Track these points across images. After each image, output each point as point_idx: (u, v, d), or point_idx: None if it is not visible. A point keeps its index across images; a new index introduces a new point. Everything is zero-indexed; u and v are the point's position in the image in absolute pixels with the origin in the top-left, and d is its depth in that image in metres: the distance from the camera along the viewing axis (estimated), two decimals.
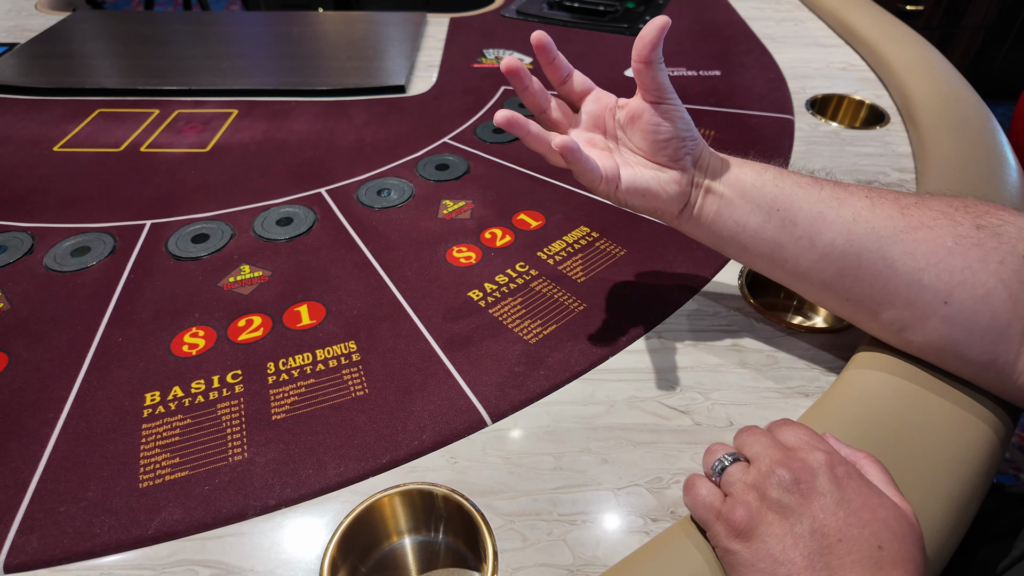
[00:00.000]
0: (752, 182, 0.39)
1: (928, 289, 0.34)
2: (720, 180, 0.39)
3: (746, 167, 0.40)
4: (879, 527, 0.27)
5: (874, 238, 0.35)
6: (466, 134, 0.71)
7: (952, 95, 0.71)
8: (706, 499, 0.31)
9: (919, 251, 0.34)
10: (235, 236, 0.55)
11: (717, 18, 1.02)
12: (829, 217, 0.37)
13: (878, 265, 0.35)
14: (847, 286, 0.37)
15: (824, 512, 0.27)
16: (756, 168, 0.39)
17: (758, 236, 0.38)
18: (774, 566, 0.27)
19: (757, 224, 0.38)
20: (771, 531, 0.27)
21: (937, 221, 0.35)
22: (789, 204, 0.38)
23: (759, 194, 0.38)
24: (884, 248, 0.35)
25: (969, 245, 0.34)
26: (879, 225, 0.35)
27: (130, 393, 0.41)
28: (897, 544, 0.26)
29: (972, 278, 0.33)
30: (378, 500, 0.35)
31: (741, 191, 0.39)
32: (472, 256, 0.53)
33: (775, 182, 0.38)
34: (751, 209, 0.38)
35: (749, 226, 0.39)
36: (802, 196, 0.37)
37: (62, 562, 0.33)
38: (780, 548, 0.27)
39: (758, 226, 0.38)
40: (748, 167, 0.40)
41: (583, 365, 0.43)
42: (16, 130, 0.71)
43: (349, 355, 0.44)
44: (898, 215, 0.35)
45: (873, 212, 0.36)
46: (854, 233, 0.36)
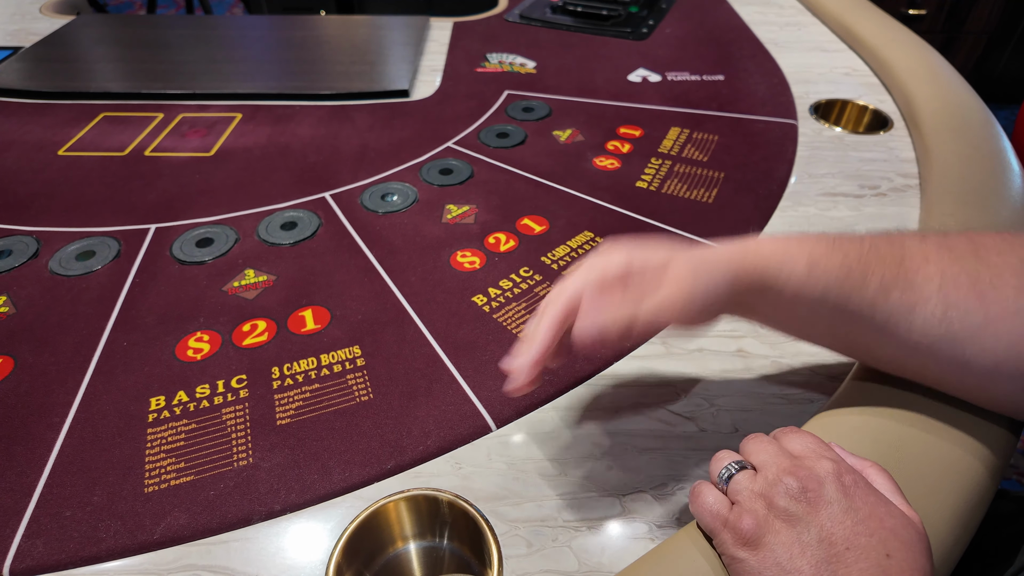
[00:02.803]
0: (806, 312, 0.35)
1: (1009, 380, 0.32)
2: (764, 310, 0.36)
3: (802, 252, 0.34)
4: (887, 535, 0.27)
5: (947, 341, 0.32)
6: (470, 138, 0.71)
7: (955, 100, 0.71)
8: (713, 507, 0.31)
9: (1000, 346, 0.31)
10: (239, 240, 0.55)
11: (720, 23, 1.02)
12: (896, 327, 0.33)
13: (948, 367, 0.33)
14: (931, 379, 0.35)
15: (831, 521, 0.27)
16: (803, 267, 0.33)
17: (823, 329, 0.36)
18: (781, 574, 0.27)
19: (817, 321, 0.35)
20: (778, 539, 0.27)
21: (1020, 303, 0.31)
22: (848, 314, 0.33)
23: (811, 304, 0.34)
24: (958, 350, 0.32)
25: None
26: (955, 326, 0.31)
27: (135, 398, 0.41)
28: (905, 552, 0.26)
29: None
30: (383, 505, 0.35)
31: (790, 288, 0.34)
32: (476, 261, 0.53)
33: (831, 282, 0.33)
34: (806, 309, 0.34)
35: (810, 319, 0.36)
36: (865, 306, 0.33)
37: (68, 567, 0.33)
38: (787, 556, 0.27)
39: (819, 323, 0.36)
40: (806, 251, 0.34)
41: (588, 371, 0.43)
42: (21, 134, 0.71)
43: (354, 360, 0.44)
44: (975, 303, 0.31)
45: (948, 311, 0.31)
46: (925, 341, 0.32)
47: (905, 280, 0.32)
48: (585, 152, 0.68)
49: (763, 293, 0.34)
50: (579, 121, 0.74)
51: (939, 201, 0.56)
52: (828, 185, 0.63)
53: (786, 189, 0.62)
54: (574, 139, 0.70)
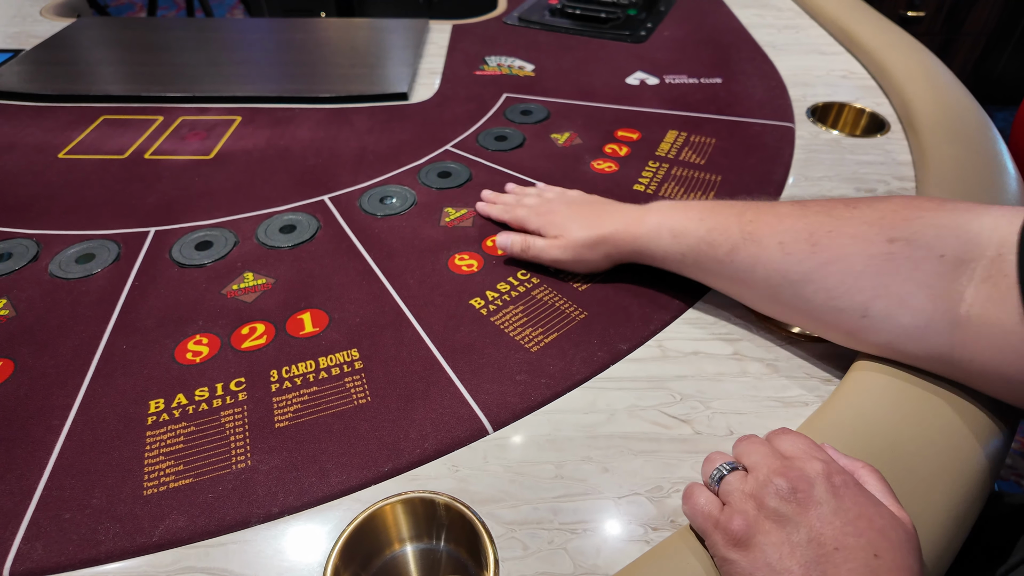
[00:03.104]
0: (664, 252, 0.47)
1: (844, 311, 0.38)
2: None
3: (664, 228, 0.46)
4: (875, 536, 0.27)
5: (787, 285, 0.40)
6: (468, 141, 0.71)
7: (952, 103, 0.71)
8: (704, 508, 0.31)
9: (830, 284, 0.38)
10: (238, 243, 0.56)
11: (718, 25, 1.03)
12: (747, 278, 0.42)
13: (796, 302, 0.40)
14: (783, 316, 0.44)
15: (821, 521, 0.27)
16: (668, 237, 0.46)
17: (691, 276, 0.47)
18: (771, 575, 0.27)
19: (687, 274, 0.47)
20: (768, 540, 0.28)
21: (847, 248, 0.37)
22: (708, 270, 0.45)
23: (676, 263, 0.47)
24: (797, 291, 0.40)
25: (880, 262, 0.36)
26: (791, 274, 0.39)
27: (134, 400, 0.42)
28: (893, 553, 0.27)
29: (884, 291, 0.36)
30: (380, 508, 0.35)
31: (659, 257, 0.47)
32: (474, 264, 0.53)
33: (687, 249, 0.45)
34: (674, 267, 0.47)
35: (679, 272, 0.48)
36: (716, 268, 0.44)
37: (67, 569, 0.33)
38: (777, 557, 0.27)
39: (689, 275, 0.47)
40: (667, 227, 0.46)
41: (584, 373, 0.44)
42: (21, 137, 0.72)
43: (352, 363, 0.44)
44: (808, 255, 0.39)
45: (784, 260, 0.40)
46: (771, 286, 0.41)
47: (752, 239, 0.41)
48: (583, 155, 0.68)
49: (640, 255, 0.48)
50: (577, 124, 0.74)
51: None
52: (825, 188, 0.63)
53: (783, 192, 0.62)
54: (572, 142, 0.71)
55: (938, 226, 0.35)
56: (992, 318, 0.33)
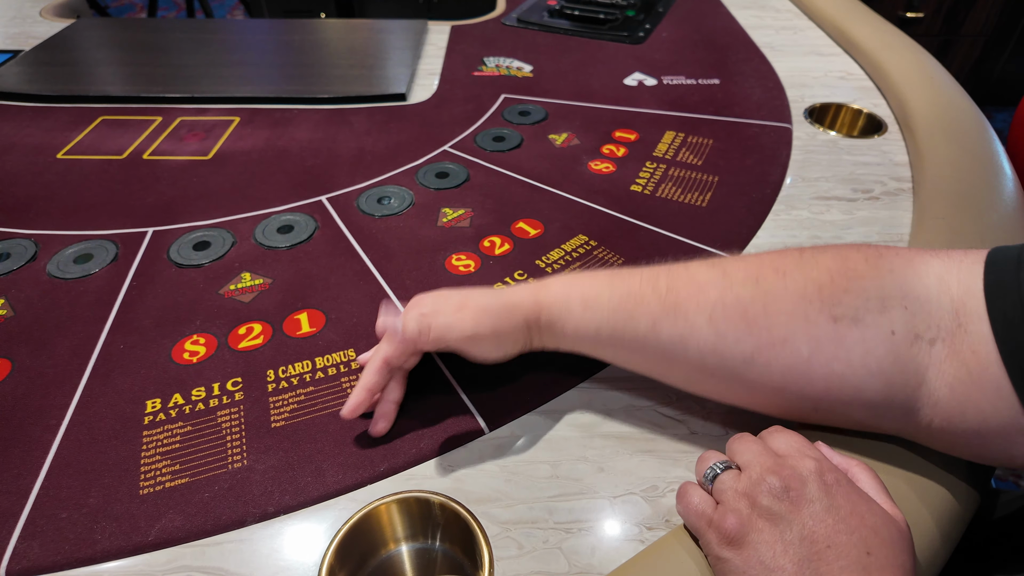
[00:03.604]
0: (590, 346, 0.39)
1: (795, 400, 0.34)
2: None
3: (573, 292, 0.38)
4: (868, 533, 0.27)
5: (725, 369, 0.34)
6: (466, 142, 0.71)
7: (950, 105, 0.72)
8: (698, 507, 0.31)
9: (775, 371, 0.33)
10: (236, 244, 0.56)
11: (716, 26, 1.03)
12: (675, 358, 0.36)
13: (735, 387, 0.35)
14: (724, 398, 0.38)
15: (813, 519, 0.28)
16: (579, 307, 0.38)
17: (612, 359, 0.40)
18: (765, 573, 0.27)
19: (605, 353, 0.39)
20: (761, 538, 0.28)
21: (789, 330, 0.32)
22: (628, 348, 0.37)
23: (591, 341, 0.38)
24: (738, 375, 0.34)
25: (829, 347, 0.32)
26: (727, 356, 0.34)
27: (131, 400, 0.42)
28: (886, 550, 0.27)
29: (837, 382, 0.32)
30: (375, 508, 0.35)
31: (570, 334, 0.38)
32: (471, 264, 0.53)
33: (603, 335, 0.37)
34: (589, 343, 0.39)
35: (596, 352, 0.39)
36: (636, 344, 0.37)
37: (63, 568, 0.33)
38: (770, 555, 0.27)
39: (607, 355, 0.39)
40: (577, 291, 0.38)
41: (581, 374, 0.44)
42: (20, 137, 0.72)
43: (348, 363, 0.44)
44: (745, 335, 0.33)
45: (719, 341, 0.34)
46: (705, 368, 0.35)
47: (675, 312, 0.35)
48: (580, 156, 0.68)
49: (550, 332, 0.39)
50: (575, 125, 0.74)
51: (931, 205, 0.56)
52: (822, 189, 0.63)
53: (780, 193, 0.63)
54: (570, 143, 0.71)
55: (881, 296, 0.31)
56: (965, 401, 0.30)
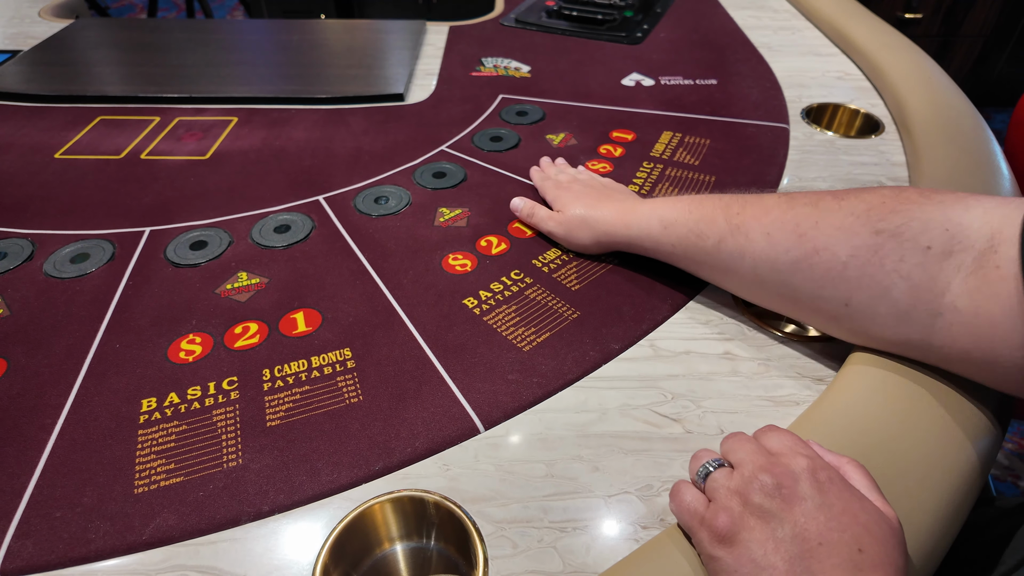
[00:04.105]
0: (654, 242, 0.48)
1: (829, 300, 0.39)
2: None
3: (654, 217, 0.48)
4: (860, 531, 0.27)
5: (773, 273, 0.41)
6: (464, 142, 0.71)
7: (947, 105, 0.72)
8: (691, 505, 0.31)
9: (816, 273, 0.39)
10: (233, 243, 0.56)
11: (714, 27, 1.03)
12: (734, 267, 0.43)
13: (781, 289, 0.42)
14: (767, 302, 0.44)
15: (805, 516, 0.28)
16: (658, 227, 0.47)
17: (681, 266, 0.49)
18: (756, 571, 0.27)
19: (677, 264, 0.49)
20: (753, 536, 0.28)
21: (833, 238, 0.38)
22: (697, 260, 0.46)
23: (667, 253, 0.48)
24: (783, 279, 0.41)
25: (865, 253, 0.37)
26: (777, 263, 0.40)
27: (127, 399, 0.42)
28: (878, 547, 0.27)
29: (868, 281, 0.37)
30: (370, 507, 0.35)
31: (650, 248, 0.49)
32: (468, 264, 0.53)
33: (676, 239, 0.46)
34: (664, 257, 0.49)
35: (669, 262, 0.49)
36: (704, 258, 0.45)
37: (57, 567, 0.33)
38: (762, 553, 0.27)
39: (678, 265, 0.49)
40: (657, 216, 0.48)
41: (576, 373, 0.44)
42: (18, 137, 0.72)
43: (344, 362, 0.44)
44: (795, 244, 0.39)
45: (772, 250, 0.41)
46: (758, 275, 0.42)
47: (739, 231, 0.42)
48: (578, 156, 0.68)
49: (631, 244, 0.50)
50: (572, 125, 0.75)
51: None
52: (819, 188, 0.63)
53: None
54: (567, 143, 0.71)
55: (925, 219, 0.35)
56: (980, 308, 0.33)
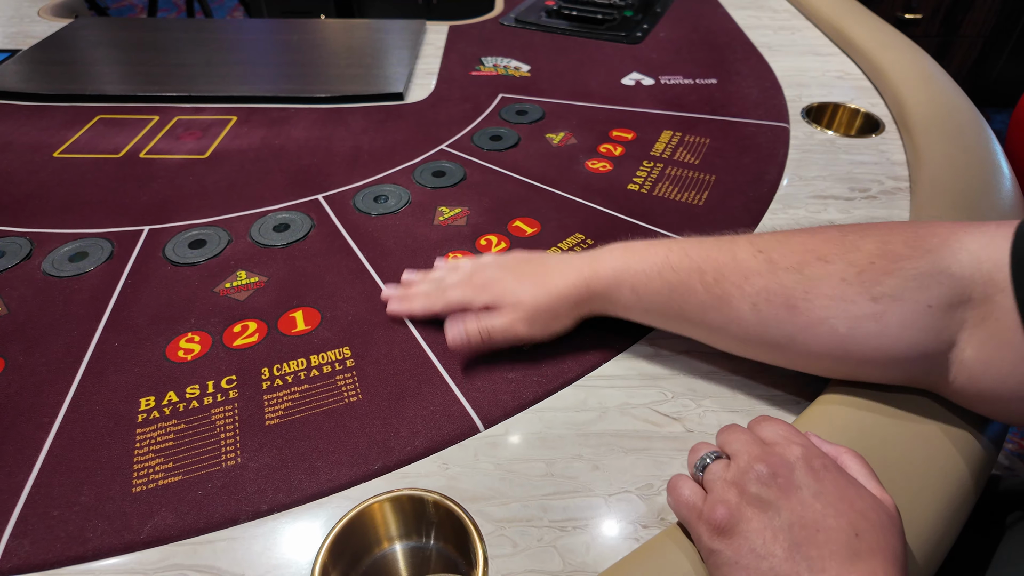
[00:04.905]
0: (639, 320, 0.43)
1: (832, 371, 0.38)
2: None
3: (624, 285, 0.41)
4: (856, 517, 0.27)
5: (766, 346, 0.38)
6: (463, 141, 0.71)
7: (947, 104, 0.71)
8: (688, 499, 0.31)
9: (813, 349, 0.36)
10: (232, 242, 0.56)
11: (714, 27, 1.03)
12: (719, 336, 0.40)
13: (776, 357, 0.39)
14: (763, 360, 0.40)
15: (802, 504, 0.28)
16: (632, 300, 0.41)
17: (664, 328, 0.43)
18: (756, 561, 0.27)
19: (655, 324, 0.43)
20: (751, 527, 0.28)
21: (828, 310, 0.35)
22: (679, 325, 0.41)
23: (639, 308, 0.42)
24: (778, 351, 0.38)
25: (868, 323, 0.34)
26: (767, 335, 0.37)
27: (125, 398, 0.42)
28: (875, 533, 0.27)
29: (874, 353, 0.34)
30: (369, 506, 0.35)
31: (622, 305, 0.42)
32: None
33: (653, 316, 0.42)
34: (640, 317, 0.43)
35: (647, 322, 0.43)
36: (685, 326, 0.41)
37: (55, 566, 0.33)
38: (761, 542, 0.27)
39: (658, 325, 0.43)
40: (628, 284, 0.41)
41: (576, 372, 0.44)
42: (17, 136, 0.72)
43: (343, 361, 0.44)
44: (787, 318, 0.36)
45: (761, 324, 0.37)
46: (748, 344, 0.39)
47: (721, 303, 0.38)
48: (577, 155, 0.68)
49: (602, 306, 0.43)
50: (572, 124, 0.74)
51: (929, 204, 0.56)
52: (819, 188, 0.63)
53: (777, 192, 0.62)
54: (567, 142, 0.71)
55: (920, 275, 0.33)
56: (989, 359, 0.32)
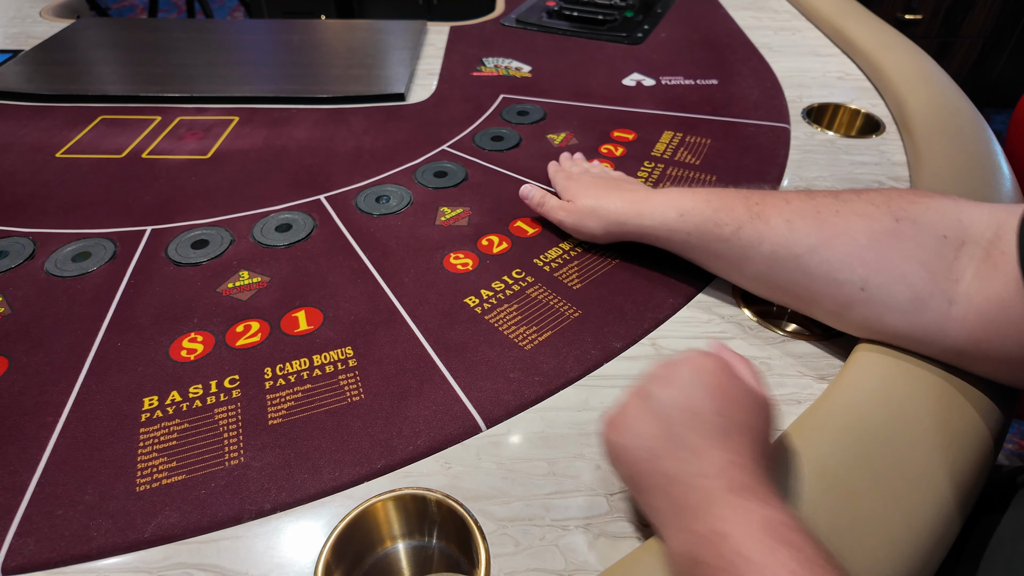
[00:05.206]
0: (669, 231, 0.47)
1: (844, 284, 0.39)
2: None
3: (670, 206, 0.47)
4: (727, 402, 0.32)
5: (791, 258, 0.41)
6: (465, 142, 0.71)
7: (947, 105, 0.72)
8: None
9: (834, 256, 0.39)
10: (234, 242, 0.56)
11: (715, 27, 1.03)
12: (751, 255, 0.43)
13: (796, 276, 0.41)
14: (778, 293, 0.44)
15: (682, 392, 0.32)
16: (674, 216, 0.47)
17: (691, 258, 0.49)
18: (639, 441, 0.32)
19: (688, 255, 0.49)
20: (632, 413, 0.33)
21: (853, 224, 0.39)
22: (712, 249, 0.46)
23: (681, 242, 0.47)
24: (801, 264, 0.40)
25: (885, 238, 0.37)
26: (796, 247, 0.40)
27: (128, 397, 0.42)
28: (742, 415, 0.32)
29: (887, 265, 0.37)
30: (371, 505, 0.35)
31: (663, 237, 0.48)
32: (469, 263, 0.53)
33: (692, 228, 0.46)
34: (678, 247, 0.48)
35: (681, 253, 0.49)
36: (719, 246, 0.45)
37: (59, 565, 0.33)
38: (643, 426, 0.32)
39: (689, 257, 0.49)
40: (673, 205, 0.47)
41: (577, 371, 0.44)
42: (19, 136, 0.72)
43: (346, 360, 0.44)
44: (815, 230, 0.40)
45: (792, 235, 0.41)
46: (775, 260, 0.42)
47: (759, 218, 0.42)
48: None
49: (642, 233, 0.49)
50: (573, 125, 0.75)
51: None
52: (819, 188, 0.63)
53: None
54: (568, 142, 0.71)
55: (941, 210, 0.37)
56: (990, 296, 0.34)
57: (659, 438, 0.31)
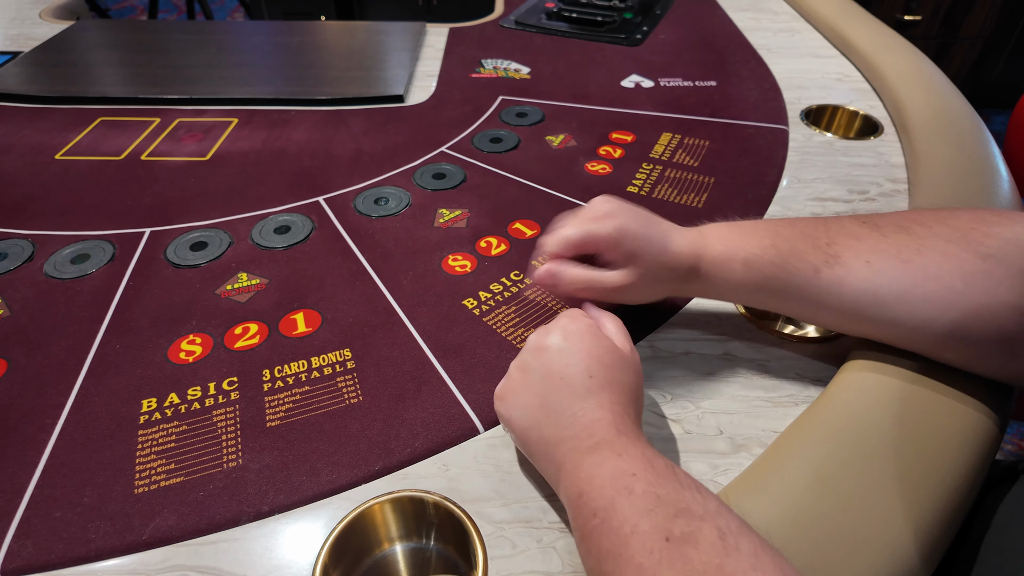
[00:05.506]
0: (745, 297, 0.44)
1: (938, 331, 0.36)
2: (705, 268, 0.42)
3: (734, 260, 0.41)
4: (591, 362, 0.34)
5: (877, 304, 0.37)
6: (463, 143, 0.71)
7: (946, 106, 0.72)
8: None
9: (929, 304, 0.36)
10: (233, 244, 0.56)
11: (714, 29, 1.03)
12: (829, 302, 0.39)
13: (883, 321, 0.38)
14: (864, 334, 0.40)
15: (553, 359, 0.35)
16: (743, 274, 0.40)
17: (763, 306, 0.43)
18: (522, 408, 0.35)
19: (757, 301, 0.43)
20: (516, 386, 0.36)
21: (942, 266, 0.36)
22: (781, 302, 0.41)
23: (748, 284, 0.41)
24: (887, 309, 0.37)
25: (974, 278, 0.35)
26: (882, 290, 0.37)
27: (127, 399, 0.42)
28: (605, 371, 0.34)
29: (986, 314, 0.35)
30: (369, 507, 0.35)
31: (729, 283, 0.41)
32: (467, 265, 0.53)
33: (763, 289, 0.40)
34: (745, 295, 0.43)
35: (750, 301, 0.45)
36: (795, 293, 0.39)
37: (57, 567, 0.33)
38: (524, 396, 0.35)
39: (759, 302, 0.43)
40: (739, 258, 0.40)
41: None
42: (18, 138, 0.72)
43: (344, 363, 0.44)
44: (901, 272, 0.36)
45: (875, 279, 0.37)
46: (859, 305, 0.38)
47: (834, 259, 0.38)
48: (577, 157, 0.69)
49: (707, 288, 0.42)
50: (572, 126, 0.75)
51: (928, 206, 0.56)
52: (818, 190, 0.63)
53: (776, 194, 0.63)
54: (567, 144, 0.71)
55: (1015, 241, 0.35)
56: None
57: (537, 407, 0.34)
